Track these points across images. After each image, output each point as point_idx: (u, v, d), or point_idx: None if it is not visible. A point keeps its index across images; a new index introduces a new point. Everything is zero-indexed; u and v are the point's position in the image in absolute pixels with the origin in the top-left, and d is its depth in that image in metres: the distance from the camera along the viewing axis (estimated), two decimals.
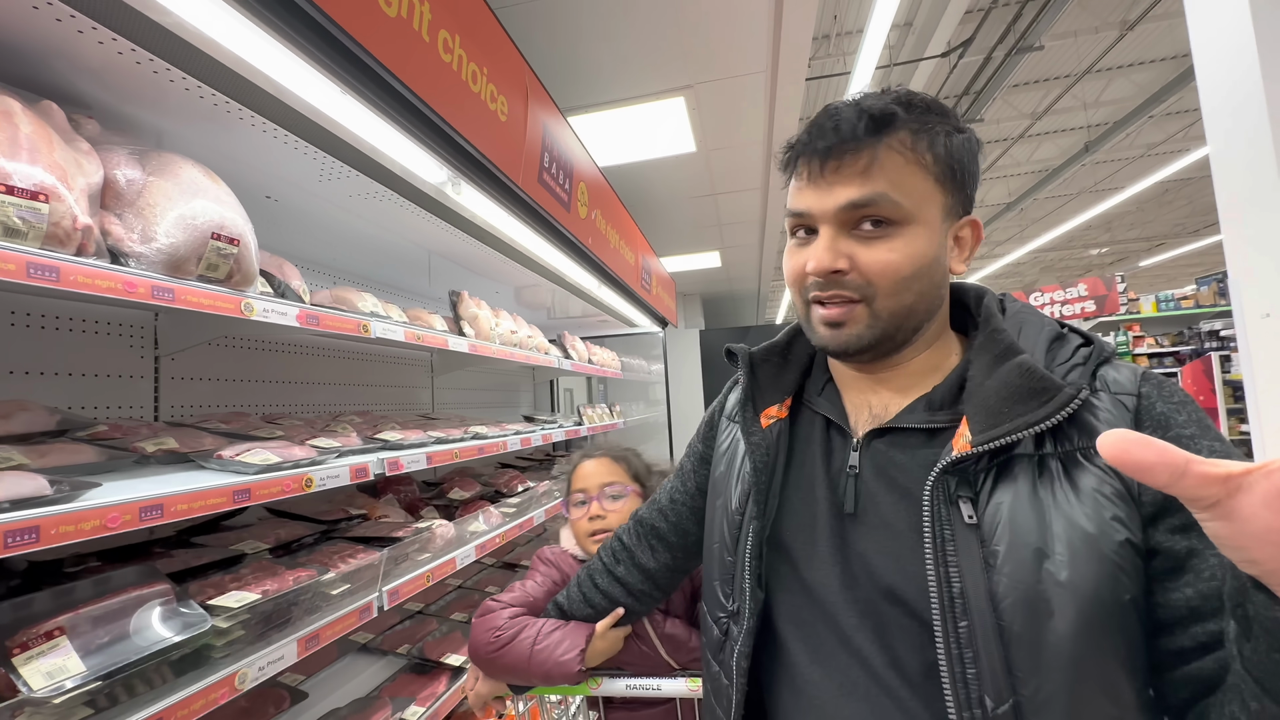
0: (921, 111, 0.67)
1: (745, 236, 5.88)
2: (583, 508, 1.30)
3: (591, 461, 1.35)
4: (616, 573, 1.08)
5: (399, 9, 1.18)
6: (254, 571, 1.38)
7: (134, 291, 1.05)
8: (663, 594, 1.10)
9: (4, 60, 1.17)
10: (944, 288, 0.71)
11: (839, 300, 0.68)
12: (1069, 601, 0.55)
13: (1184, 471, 0.38)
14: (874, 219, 0.65)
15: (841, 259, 0.66)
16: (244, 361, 2.03)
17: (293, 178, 1.75)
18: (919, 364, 0.73)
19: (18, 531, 0.85)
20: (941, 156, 0.66)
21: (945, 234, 0.68)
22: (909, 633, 0.64)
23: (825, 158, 0.66)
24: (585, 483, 1.32)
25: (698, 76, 3.02)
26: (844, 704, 0.68)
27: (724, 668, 0.78)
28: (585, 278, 3.02)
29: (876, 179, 0.64)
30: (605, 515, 1.27)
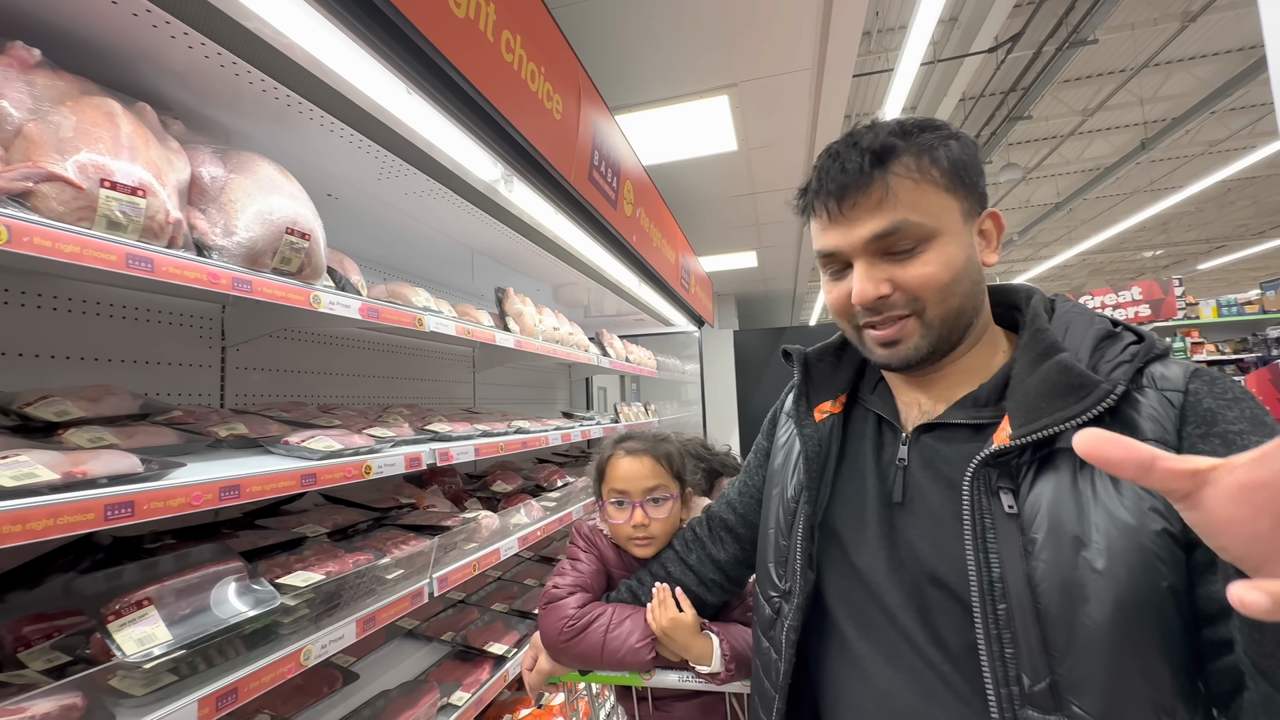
0: (918, 133, 0.71)
1: (783, 236, 5.83)
2: (624, 510, 1.24)
3: (632, 460, 1.26)
4: (689, 560, 1.13)
5: (467, 10, 1.22)
6: (316, 553, 1.44)
7: (217, 282, 1.11)
8: (733, 585, 1.13)
9: (97, 63, 1.24)
10: (982, 283, 0.75)
11: (891, 320, 0.73)
12: (1106, 588, 0.57)
13: (1150, 467, 0.42)
14: (903, 241, 0.70)
15: (883, 285, 0.71)
16: (300, 353, 2.11)
17: (352, 176, 1.81)
18: (966, 363, 0.77)
19: (116, 505, 0.91)
20: (946, 168, 0.70)
21: (970, 233, 0.72)
22: (950, 614, 0.67)
23: (840, 198, 0.72)
24: (626, 484, 1.24)
25: (742, 74, 3.00)
26: (890, 675, 0.72)
27: (774, 643, 0.84)
28: (626, 275, 3.05)
29: (892, 208, 0.69)
30: (649, 524, 1.21)
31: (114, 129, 0.96)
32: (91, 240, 0.90)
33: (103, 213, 0.92)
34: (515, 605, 2.49)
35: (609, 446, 1.32)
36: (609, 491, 1.27)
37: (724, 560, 1.11)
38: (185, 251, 1.08)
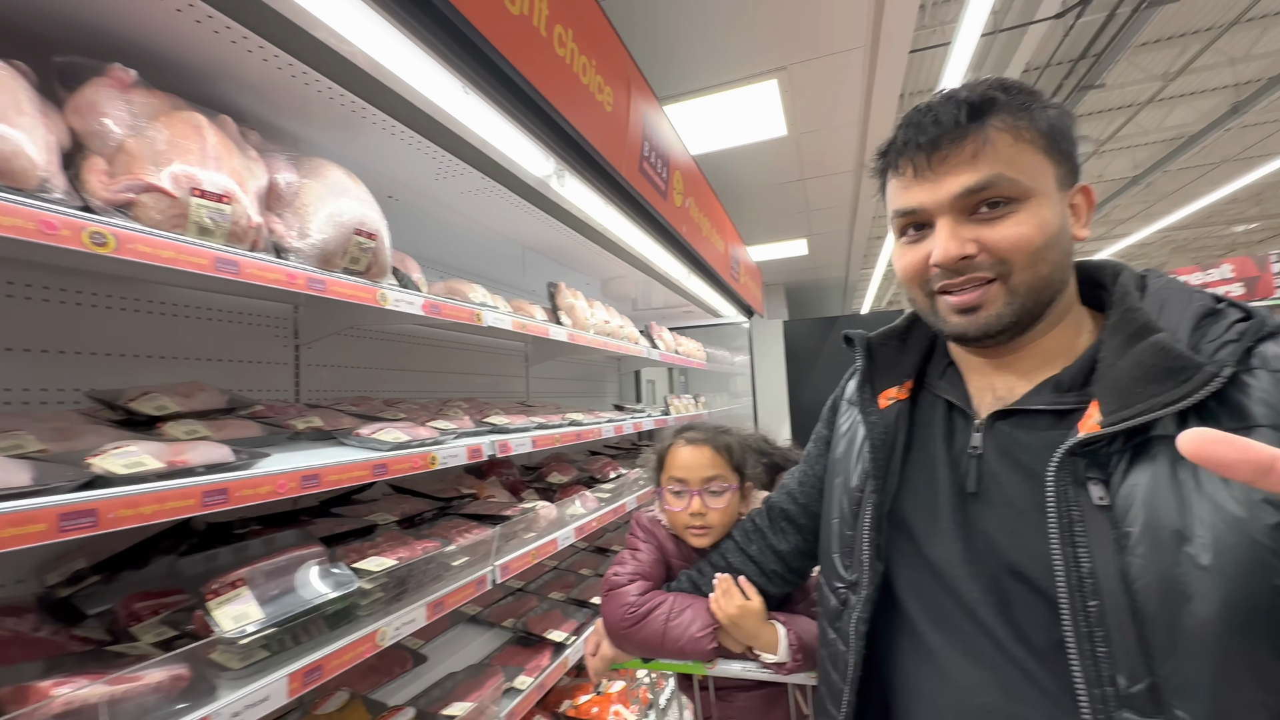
0: (1017, 93, 0.68)
1: (834, 222, 5.67)
2: (682, 499, 1.25)
3: (692, 450, 1.28)
4: (749, 551, 1.12)
5: (521, 6, 1.24)
6: (387, 540, 1.51)
7: (294, 282, 1.17)
8: (795, 576, 1.12)
9: (182, 80, 1.32)
10: (1071, 256, 0.71)
11: (972, 284, 0.69)
12: (1212, 586, 0.53)
13: (1270, 469, 0.38)
14: (992, 200, 0.67)
15: (969, 244, 0.68)
16: (365, 350, 2.21)
17: (411, 178, 1.87)
18: (1046, 344, 0.72)
19: (213, 492, 0.97)
20: (1045, 130, 0.67)
21: (1064, 202, 0.69)
22: (1034, 609, 0.64)
23: (931, 150, 0.68)
24: (685, 473, 1.25)
25: (792, 57, 2.93)
26: (969, 670, 0.69)
27: (841, 634, 0.82)
28: (676, 267, 3.03)
29: (988, 161, 0.66)
30: (706, 513, 1.22)
31: (202, 141, 1.03)
32: (185, 245, 0.97)
33: (194, 219, 0.98)
34: (572, 594, 2.54)
35: (669, 436, 1.33)
36: (668, 479, 1.29)
37: (785, 551, 1.09)
38: (265, 254, 1.14)
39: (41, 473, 0.82)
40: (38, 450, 0.94)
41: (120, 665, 0.95)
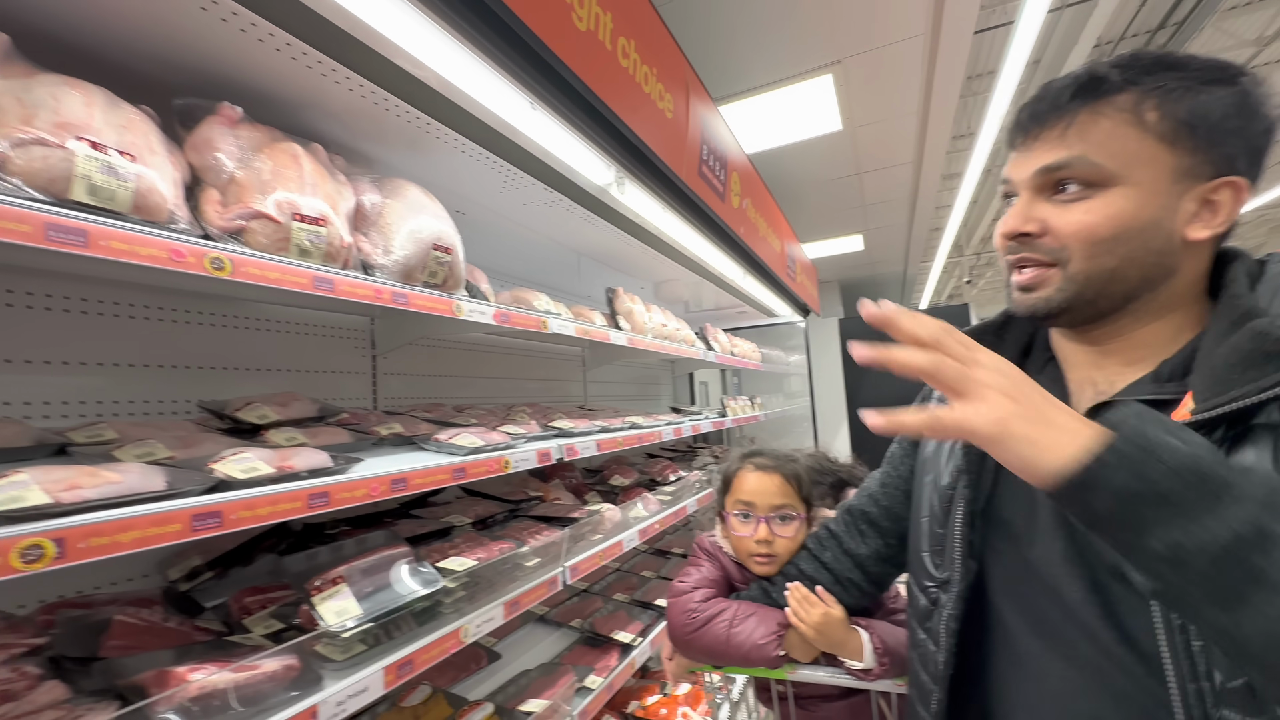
0: (1148, 69, 0.64)
1: (892, 216, 5.49)
2: (747, 523, 1.23)
3: (761, 476, 1.26)
4: (823, 558, 1.10)
5: (588, 22, 1.27)
6: (465, 541, 1.57)
7: (380, 297, 1.24)
8: (873, 585, 1.09)
9: (273, 112, 1.42)
10: (1170, 254, 0.66)
11: (1031, 264, 0.69)
12: None
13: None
14: (1071, 181, 0.65)
15: (1031, 222, 0.68)
16: (435, 359, 2.31)
17: (477, 193, 1.95)
18: (1149, 335, 0.69)
19: (316, 495, 1.05)
20: (1178, 116, 0.62)
21: (1176, 196, 0.64)
22: (1140, 612, 0.61)
23: (1028, 125, 0.69)
24: (753, 498, 1.24)
25: (847, 50, 2.87)
26: (1068, 674, 0.67)
27: (931, 635, 0.80)
28: (732, 268, 3.02)
29: (1074, 142, 0.65)
30: (773, 541, 1.20)
31: (299, 169, 1.11)
32: (288, 266, 1.05)
33: (295, 242, 1.06)
34: (636, 596, 2.56)
35: (736, 460, 1.32)
36: (734, 503, 1.27)
37: (864, 555, 1.07)
38: (355, 271, 1.22)
39: (174, 478, 0.90)
40: (166, 457, 1.04)
41: (239, 654, 1.04)
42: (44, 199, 0.76)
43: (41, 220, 0.74)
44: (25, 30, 1.03)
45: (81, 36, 1.09)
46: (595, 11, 1.29)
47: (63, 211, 0.77)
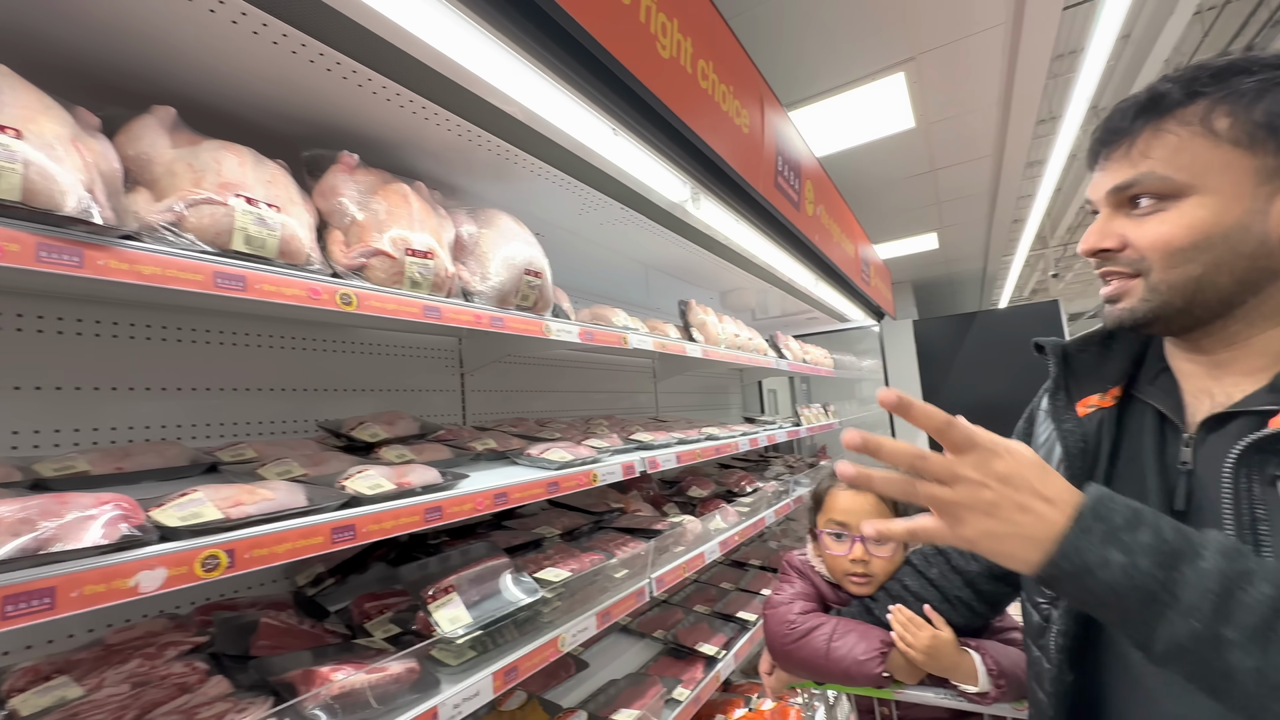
0: (1216, 76, 0.64)
1: (970, 212, 5.23)
2: (842, 543, 1.22)
3: (854, 495, 1.25)
4: (929, 575, 1.07)
5: (671, 49, 1.31)
6: (557, 552, 1.63)
7: (480, 322, 1.32)
8: (985, 605, 1.05)
9: (376, 153, 1.55)
10: (1268, 257, 0.64)
11: (1115, 275, 0.71)
12: None
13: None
14: (1144, 196, 0.67)
15: (1109, 238, 0.70)
16: (517, 375, 2.41)
17: (556, 215, 2.02)
18: (1267, 342, 0.67)
19: (431, 509, 1.12)
20: (1246, 118, 0.62)
21: (1264, 199, 0.62)
22: None
23: (1099, 147, 0.72)
24: (847, 517, 1.23)
25: (921, 46, 2.78)
26: (1184, 698, 0.64)
27: (1044, 651, 0.79)
28: (804, 275, 2.98)
29: (1140, 160, 0.66)
30: (869, 560, 1.18)
31: (409, 207, 1.20)
32: (403, 298, 1.14)
33: (408, 275, 1.14)
34: (717, 608, 2.55)
35: (827, 478, 1.32)
36: (827, 522, 1.26)
37: (974, 572, 1.04)
38: (457, 299, 1.30)
39: (312, 494, 0.99)
40: (302, 474, 1.15)
41: (366, 656, 1.12)
42: (211, 251, 0.87)
43: (211, 270, 0.85)
44: (181, 100, 1.18)
45: (224, 101, 1.23)
46: (677, 39, 1.33)
47: (227, 261, 0.87)
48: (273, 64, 1.13)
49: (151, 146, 0.90)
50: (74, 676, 0.93)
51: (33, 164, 0.68)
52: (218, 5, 0.96)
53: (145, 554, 0.74)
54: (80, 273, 0.72)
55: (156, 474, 1.11)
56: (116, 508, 0.75)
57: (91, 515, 0.72)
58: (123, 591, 0.71)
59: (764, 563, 3.16)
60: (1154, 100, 0.66)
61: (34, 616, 0.65)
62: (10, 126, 0.68)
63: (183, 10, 0.97)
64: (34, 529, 0.67)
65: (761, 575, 3.01)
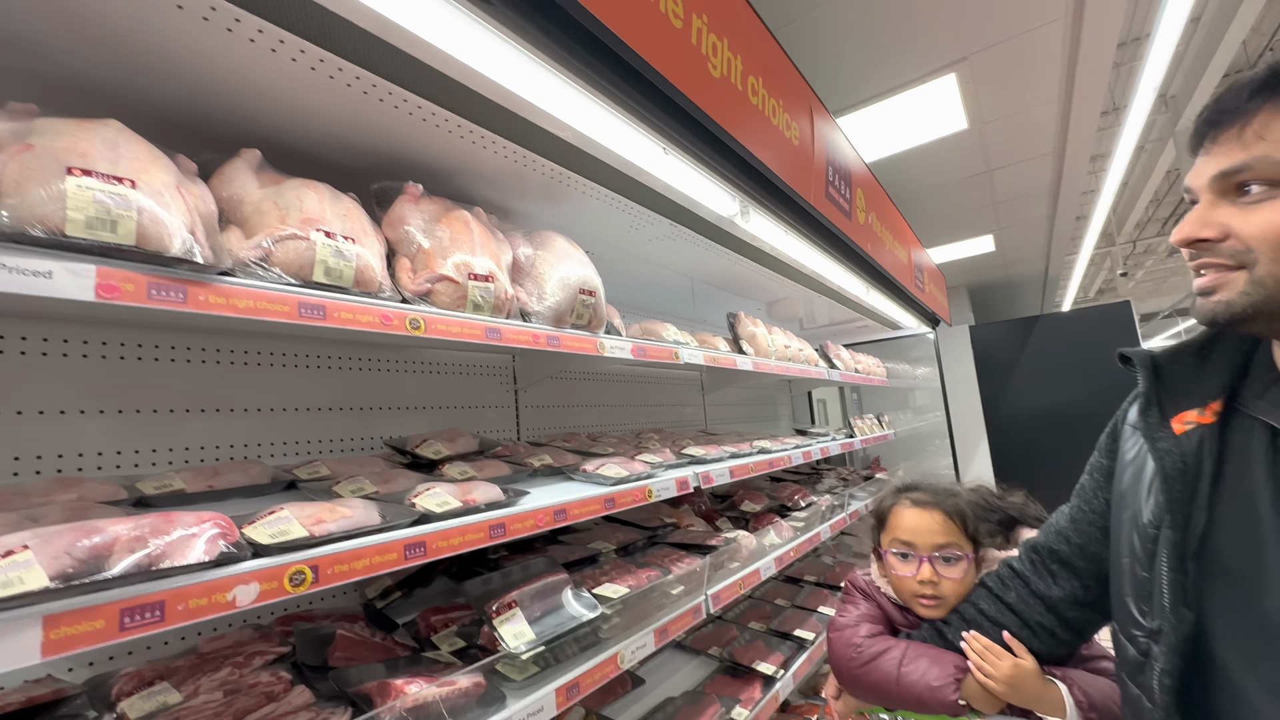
0: None
1: (1029, 211, 5.01)
2: (908, 563, 1.17)
3: (919, 512, 1.19)
4: (1006, 599, 1.02)
5: (722, 69, 1.33)
6: (613, 568, 1.63)
7: (538, 341, 1.35)
8: (1070, 633, 0.99)
9: (435, 181, 1.61)
10: None
11: (1210, 268, 0.66)
12: None
13: None
14: (1254, 183, 0.62)
15: (1209, 227, 0.65)
16: (568, 390, 2.44)
17: (607, 233, 2.06)
18: None
19: (495, 526, 1.15)
20: None
21: None
22: None
23: (1205, 130, 0.67)
24: (913, 536, 1.18)
25: (972, 46, 2.70)
26: None
27: (1145, 690, 0.73)
28: (855, 284, 2.92)
29: (1254, 142, 0.62)
30: (938, 582, 1.13)
31: (469, 233, 1.25)
32: (466, 320, 1.18)
33: (471, 299, 1.19)
34: (773, 625, 2.50)
35: (890, 495, 1.27)
36: (891, 541, 1.22)
37: (1057, 598, 0.98)
38: (516, 320, 1.34)
39: (386, 512, 1.04)
40: (373, 491, 1.20)
41: (434, 669, 1.16)
42: (295, 283, 0.93)
43: (296, 300, 0.90)
44: (264, 141, 1.27)
45: (300, 140, 1.31)
46: (727, 57, 1.35)
47: (309, 292, 0.93)
48: (345, 104, 1.20)
49: (242, 188, 0.97)
50: (173, 683, 1.00)
51: (145, 210, 0.74)
52: (299, 54, 1.03)
53: (241, 570, 0.79)
54: (184, 308, 0.78)
55: (242, 491, 1.19)
56: (215, 526, 0.80)
57: (194, 533, 0.77)
58: (222, 605, 0.76)
59: (819, 579, 3.08)
60: (1273, 79, 0.61)
61: (147, 628, 0.70)
62: (126, 178, 0.74)
63: (266, 60, 1.05)
64: (146, 546, 0.72)
65: (817, 592, 2.93)
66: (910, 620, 1.19)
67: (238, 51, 1.03)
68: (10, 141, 0.71)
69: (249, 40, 1.00)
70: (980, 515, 1.19)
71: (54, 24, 0.95)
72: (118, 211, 0.72)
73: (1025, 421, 6.37)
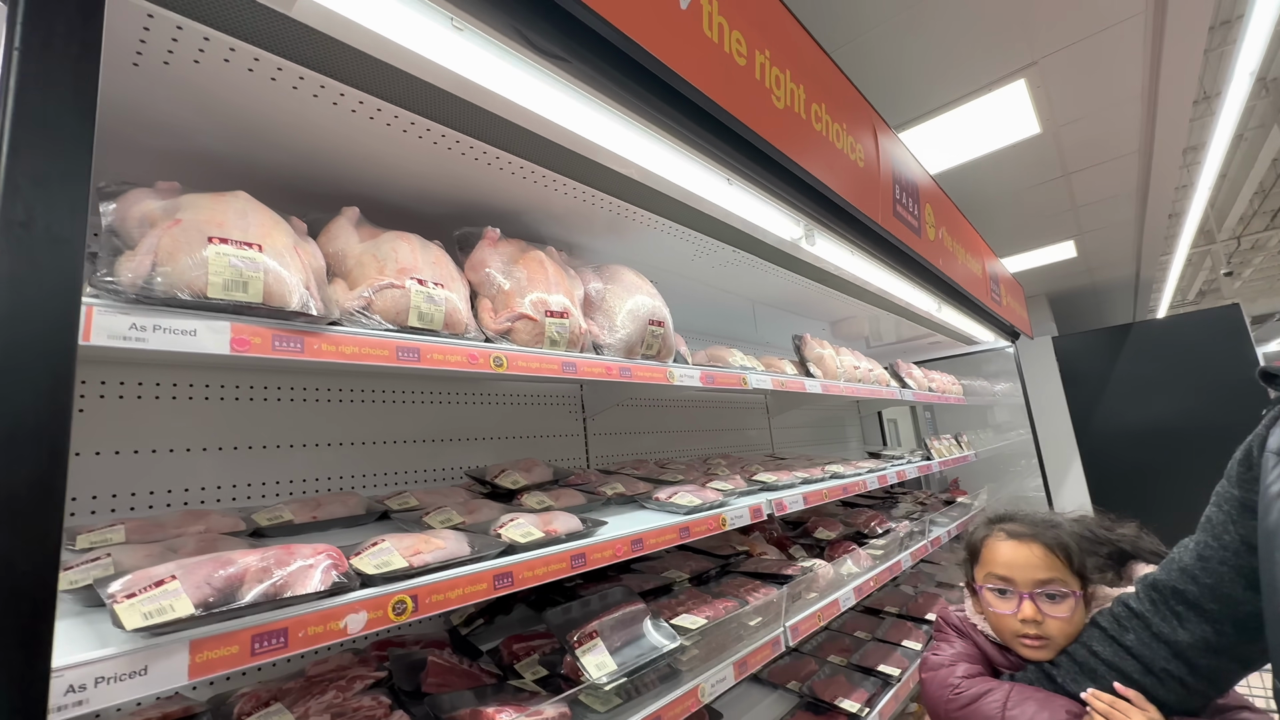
0: None
1: (1115, 214, 4.70)
2: (1007, 600, 1.10)
3: (1017, 545, 1.12)
4: (1124, 641, 0.94)
5: (785, 99, 1.35)
6: (689, 598, 1.62)
7: (611, 373, 1.39)
8: (1203, 682, 0.90)
9: (506, 222, 1.70)
10: None
11: None
12: None
13: None
14: None
15: None
16: (635, 417, 2.47)
17: (670, 262, 2.09)
18: None
19: (576, 556, 1.17)
20: None
21: None
22: None
23: None
24: (1010, 571, 1.10)
25: (1042, 49, 2.60)
26: None
27: None
28: (926, 301, 2.82)
29: None
30: (1042, 621, 1.05)
31: (544, 272, 1.30)
32: (544, 356, 1.23)
33: (548, 335, 1.24)
34: (854, 659, 2.39)
35: (983, 526, 1.21)
36: (986, 576, 1.15)
37: (1184, 643, 0.89)
38: (589, 353, 1.38)
39: (475, 542, 1.08)
40: (460, 522, 1.25)
41: (520, 698, 1.18)
42: (393, 328, 1.00)
43: (394, 345, 0.97)
44: (359, 197, 1.39)
45: (391, 194, 1.43)
46: (790, 88, 1.36)
47: (405, 336, 1.00)
48: (428, 158, 1.30)
49: (345, 243, 1.06)
50: (285, 704, 1.07)
51: (270, 270, 0.83)
52: (392, 119, 1.13)
53: (351, 599, 0.84)
54: (301, 356, 0.86)
55: (342, 521, 1.27)
56: (328, 557, 0.86)
57: (311, 564, 0.83)
58: (336, 632, 0.81)
59: (901, 610, 2.92)
60: None
61: (273, 653, 0.76)
62: (255, 243, 0.83)
63: (364, 125, 1.15)
64: (271, 576, 0.79)
65: (899, 624, 2.78)
66: (1012, 661, 1.12)
67: (340, 121, 1.13)
68: (162, 217, 0.81)
69: (350, 110, 1.10)
70: (1086, 548, 1.11)
71: (189, 109, 1.08)
72: (248, 273, 0.81)
73: (1122, 440, 5.87)
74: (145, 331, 0.72)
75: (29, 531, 0.51)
